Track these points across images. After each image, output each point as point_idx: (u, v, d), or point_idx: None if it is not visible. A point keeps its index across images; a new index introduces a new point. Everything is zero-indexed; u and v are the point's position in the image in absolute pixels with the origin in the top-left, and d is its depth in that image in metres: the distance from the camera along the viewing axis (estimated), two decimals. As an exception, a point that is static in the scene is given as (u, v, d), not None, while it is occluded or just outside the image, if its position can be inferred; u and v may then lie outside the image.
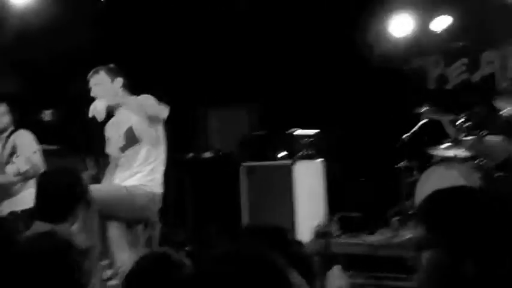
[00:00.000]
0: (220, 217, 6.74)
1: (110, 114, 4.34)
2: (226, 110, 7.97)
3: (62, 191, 3.09)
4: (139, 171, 4.23)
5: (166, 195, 7.42)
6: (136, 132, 4.22)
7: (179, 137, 7.79)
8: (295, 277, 1.14)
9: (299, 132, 6.32)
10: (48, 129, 6.12)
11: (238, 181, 6.30)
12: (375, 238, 5.78)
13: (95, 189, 3.98)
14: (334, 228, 5.94)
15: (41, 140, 7.01)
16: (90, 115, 4.10)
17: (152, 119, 4.21)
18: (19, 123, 5.50)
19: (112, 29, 7.21)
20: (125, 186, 4.19)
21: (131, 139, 4.24)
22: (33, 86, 6.77)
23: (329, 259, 5.65)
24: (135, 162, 4.23)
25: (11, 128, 5.61)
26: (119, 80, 4.33)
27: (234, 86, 7.45)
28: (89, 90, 4.34)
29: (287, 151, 6.23)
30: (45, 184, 3.18)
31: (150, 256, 2.12)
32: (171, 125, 7.71)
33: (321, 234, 5.87)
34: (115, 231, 4.18)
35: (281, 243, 1.80)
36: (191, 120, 8.04)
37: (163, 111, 4.27)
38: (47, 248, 1.86)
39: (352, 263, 5.65)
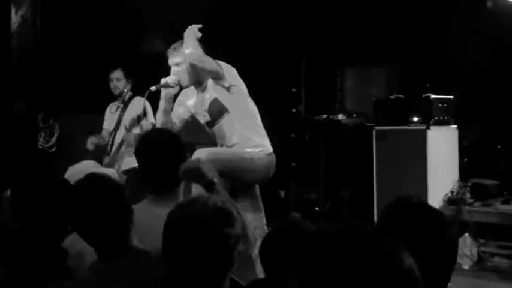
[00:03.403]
0: (352, 180, 6.84)
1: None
2: (363, 69, 7.94)
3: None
4: (244, 138, 4.19)
5: (300, 155, 7.66)
6: (223, 102, 4.17)
7: (314, 96, 7.94)
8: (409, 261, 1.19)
9: (435, 96, 6.23)
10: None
11: (371, 144, 6.34)
12: (509, 207, 5.67)
13: (219, 151, 4.19)
14: (467, 196, 5.88)
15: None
16: (155, 88, 4.15)
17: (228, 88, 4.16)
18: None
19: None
20: (249, 150, 4.18)
21: (218, 111, 4.20)
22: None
23: (460, 226, 5.65)
24: (234, 131, 4.19)
25: (129, 93, 5.98)
26: None
27: (373, 44, 7.38)
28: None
29: (422, 115, 6.18)
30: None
31: (284, 227, 2.30)
32: (307, 84, 7.92)
33: (453, 201, 5.84)
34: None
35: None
36: (327, 80, 8.08)
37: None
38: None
39: (483, 231, 5.61)
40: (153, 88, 4.19)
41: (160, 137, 3.00)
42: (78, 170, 3.06)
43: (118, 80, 5.92)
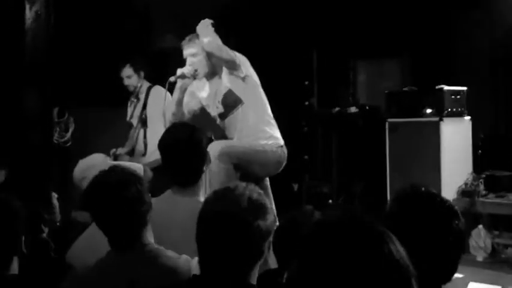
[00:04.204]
0: (365, 173, 6.83)
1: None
2: (376, 62, 7.92)
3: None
4: (257, 130, 4.22)
5: (312, 148, 7.67)
6: (237, 93, 4.19)
7: (326, 90, 7.94)
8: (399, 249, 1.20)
9: (448, 88, 6.21)
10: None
11: (384, 137, 6.34)
12: (523, 199, 5.66)
13: (234, 144, 4.21)
14: (481, 188, 5.86)
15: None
16: (174, 79, 4.15)
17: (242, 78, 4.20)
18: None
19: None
20: (263, 143, 4.21)
21: (232, 103, 4.22)
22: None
23: (474, 218, 5.64)
24: (248, 123, 4.21)
25: (146, 85, 5.93)
26: None
27: (386, 37, 7.37)
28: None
29: (435, 107, 6.16)
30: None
31: (296, 217, 2.32)
32: (320, 77, 7.92)
33: (467, 193, 5.83)
34: None
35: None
36: (339, 73, 8.08)
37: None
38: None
39: (497, 223, 5.60)
40: (172, 79, 4.20)
41: (181, 133, 3.03)
42: (89, 164, 3.09)
43: (129, 78, 5.82)
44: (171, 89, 4.27)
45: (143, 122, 5.79)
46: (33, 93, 4.93)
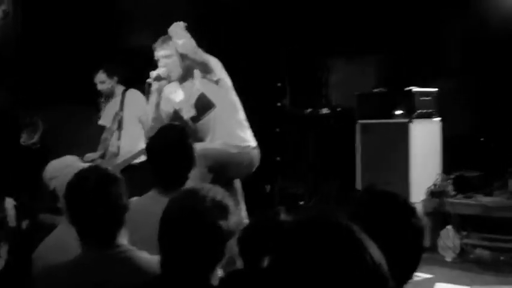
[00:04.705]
0: (337, 174, 6.86)
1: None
2: (350, 63, 7.94)
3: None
4: (230, 133, 4.23)
5: (285, 150, 7.67)
6: (210, 97, 4.21)
7: (299, 90, 7.95)
8: (375, 250, 1.20)
9: (417, 89, 6.27)
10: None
11: (355, 138, 6.37)
12: (491, 199, 5.71)
13: (209, 146, 4.20)
14: (449, 188, 5.92)
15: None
16: (151, 81, 4.13)
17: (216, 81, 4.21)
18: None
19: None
20: (237, 145, 4.22)
21: (205, 106, 4.22)
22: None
23: (443, 218, 5.69)
24: (220, 126, 4.22)
25: (121, 88, 5.91)
26: None
27: (360, 37, 7.37)
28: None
29: (405, 109, 6.21)
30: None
31: (261, 218, 2.32)
32: (292, 78, 7.91)
33: (436, 193, 5.88)
34: None
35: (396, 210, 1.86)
36: (313, 73, 8.08)
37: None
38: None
39: (466, 223, 5.66)
40: (149, 81, 4.19)
41: (169, 137, 3.06)
42: (59, 165, 3.06)
43: (102, 83, 5.82)
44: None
45: (119, 124, 5.77)
46: (1, 93, 4.87)
